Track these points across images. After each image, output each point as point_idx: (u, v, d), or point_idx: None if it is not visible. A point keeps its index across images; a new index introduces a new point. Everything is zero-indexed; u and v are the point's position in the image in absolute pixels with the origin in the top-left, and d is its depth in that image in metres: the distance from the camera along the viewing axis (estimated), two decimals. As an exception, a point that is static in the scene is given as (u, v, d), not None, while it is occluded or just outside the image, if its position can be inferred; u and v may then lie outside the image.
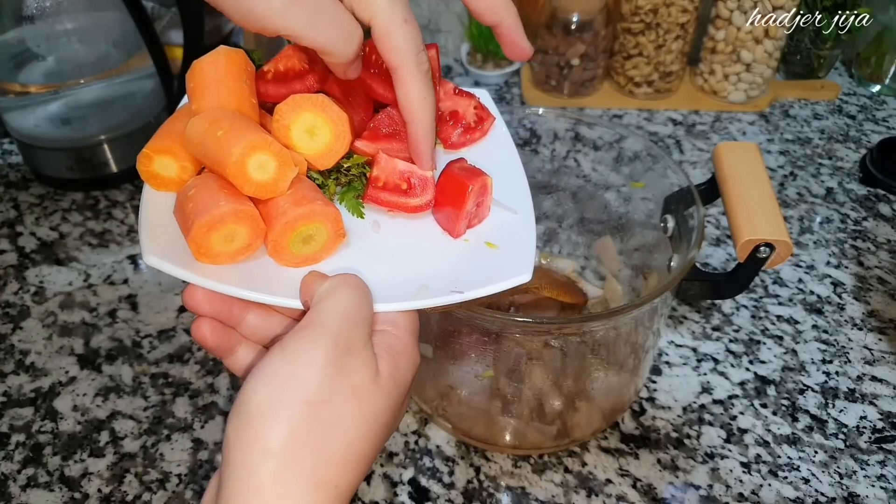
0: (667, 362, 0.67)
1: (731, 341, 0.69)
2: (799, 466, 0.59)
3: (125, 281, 0.74)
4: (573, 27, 0.94)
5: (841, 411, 0.63)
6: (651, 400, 0.64)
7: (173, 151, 0.40)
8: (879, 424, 0.62)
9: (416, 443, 0.60)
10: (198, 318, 0.39)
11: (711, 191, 0.56)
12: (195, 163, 0.40)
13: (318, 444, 0.33)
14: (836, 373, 0.66)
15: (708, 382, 0.65)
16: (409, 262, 0.41)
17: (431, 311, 0.40)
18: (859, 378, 0.66)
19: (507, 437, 0.58)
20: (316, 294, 0.36)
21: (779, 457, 0.60)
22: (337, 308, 0.35)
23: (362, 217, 0.43)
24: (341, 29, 0.37)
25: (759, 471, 0.59)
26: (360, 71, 0.41)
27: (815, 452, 0.60)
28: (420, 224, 0.43)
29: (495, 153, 0.48)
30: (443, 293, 0.38)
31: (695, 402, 0.64)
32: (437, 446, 0.60)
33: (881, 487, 0.58)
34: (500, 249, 0.42)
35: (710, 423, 0.62)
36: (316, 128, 0.40)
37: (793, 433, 0.61)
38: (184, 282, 0.38)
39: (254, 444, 0.32)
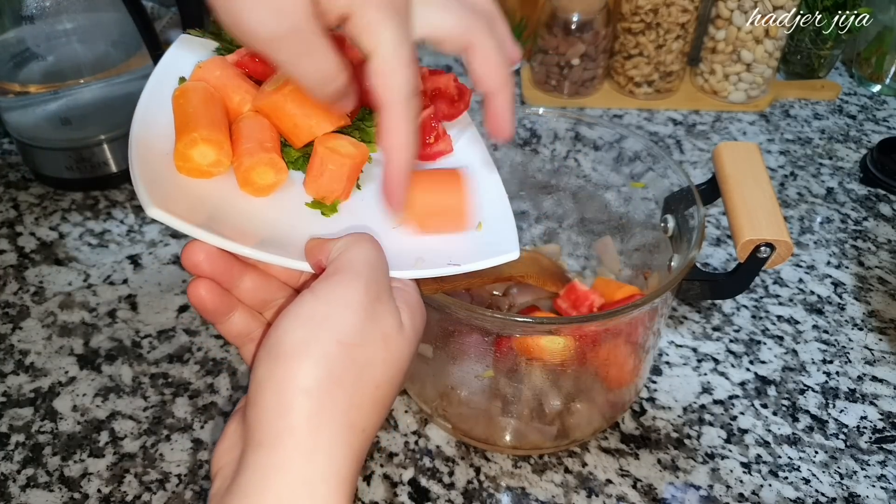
0: (667, 362, 0.67)
1: (731, 341, 0.69)
2: (799, 467, 0.59)
3: (125, 281, 0.74)
4: (573, 27, 0.94)
5: (841, 411, 0.63)
6: (651, 400, 0.64)
7: (222, 145, 0.41)
8: (880, 424, 0.62)
9: (416, 443, 0.60)
10: (195, 279, 0.38)
11: (712, 191, 0.56)
12: (230, 159, 0.42)
13: (351, 386, 0.33)
14: (837, 373, 0.66)
15: (708, 382, 0.65)
16: (403, 235, 0.43)
17: (425, 287, 0.43)
18: (860, 378, 0.66)
19: (507, 438, 0.58)
20: (334, 249, 0.37)
21: (779, 457, 0.60)
22: (362, 257, 0.36)
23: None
24: (323, 73, 0.35)
25: (759, 471, 0.59)
26: (352, 104, 0.39)
27: (816, 453, 0.60)
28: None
29: (467, 149, 0.52)
30: (440, 265, 0.41)
31: (695, 403, 0.64)
32: (437, 446, 0.60)
33: (881, 488, 0.57)
34: (484, 230, 0.45)
35: (711, 424, 0.62)
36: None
37: (793, 433, 0.61)
38: (183, 240, 0.38)
39: (288, 383, 0.32)
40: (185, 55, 0.47)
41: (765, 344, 0.69)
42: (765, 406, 0.63)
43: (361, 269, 0.35)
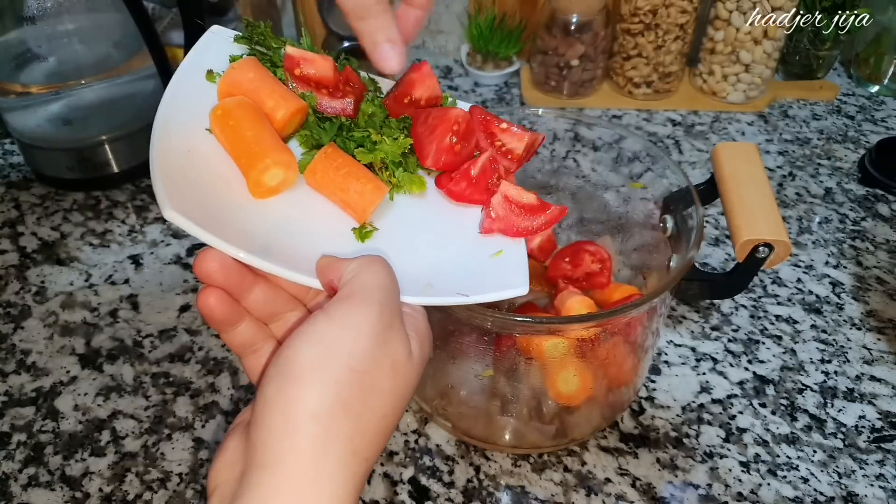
0: (666, 362, 0.67)
1: (729, 341, 0.69)
2: (798, 466, 0.59)
3: (126, 281, 0.75)
4: (572, 28, 0.95)
5: (840, 411, 0.63)
6: (650, 399, 0.64)
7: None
8: (878, 424, 0.62)
9: (416, 442, 0.61)
10: (205, 288, 0.37)
11: (710, 191, 0.57)
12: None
13: (359, 413, 0.33)
14: (835, 372, 0.67)
15: (707, 382, 0.65)
16: (414, 260, 0.43)
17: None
18: (858, 378, 0.66)
19: (507, 437, 0.59)
20: (347, 270, 0.37)
21: (778, 456, 0.60)
22: (376, 281, 0.36)
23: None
24: None
25: (758, 470, 0.59)
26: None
27: (814, 452, 0.60)
28: (423, 222, 0.46)
29: None
30: (448, 294, 0.41)
31: (694, 402, 0.64)
32: (437, 445, 0.60)
33: (880, 487, 0.58)
34: (495, 261, 0.45)
35: (709, 423, 0.62)
36: None
37: (792, 433, 0.62)
38: (196, 250, 0.38)
39: (297, 405, 0.32)
40: (215, 47, 0.46)
41: (763, 343, 0.69)
42: (763, 405, 0.64)
43: (375, 294, 0.35)
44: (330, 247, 0.41)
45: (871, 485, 0.58)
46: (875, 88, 1.05)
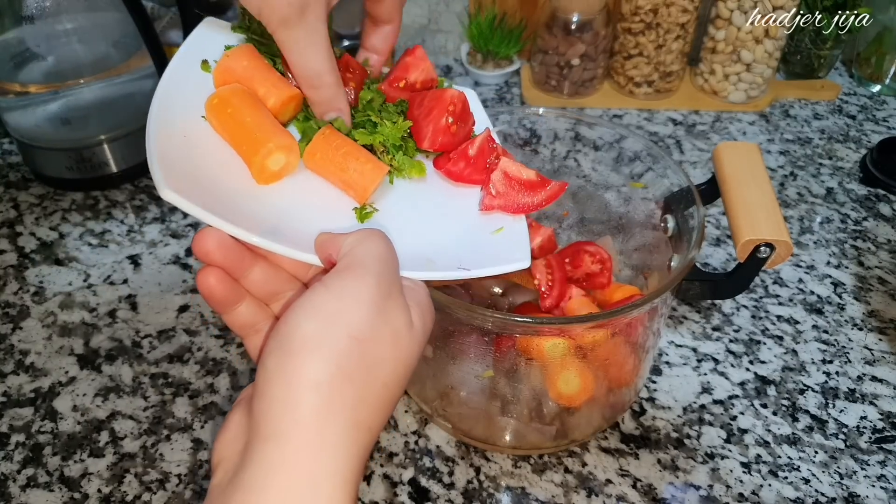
0: (667, 362, 0.67)
1: (731, 341, 0.69)
2: (799, 466, 0.59)
3: (125, 281, 0.74)
4: (573, 27, 0.94)
5: (841, 411, 0.63)
6: (651, 400, 0.64)
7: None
8: (880, 424, 0.62)
9: (416, 443, 0.60)
10: (204, 267, 0.38)
11: (711, 191, 0.56)
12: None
13: (360, 382, 0.33)
14: (837, 373, 0.66)
15: (708, 382, 0.65)
16: (414, 235, 0.43)
17: (433, 283, 0.42)
18: (859, 378, 0.66)
19: (507, 438, 0.58)
20: (345, 244, 0.37)
21: (779, 457, 0.60)
22: (374, 253, 0.36)
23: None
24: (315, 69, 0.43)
25: (759, 471, 0.59)
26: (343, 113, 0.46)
27: (816, 452, 0.60)
28: (423, 201, 0.46)
29: None
30: (450, 268, 0.41)
31: (695, 403, 0.64)
32: (437, 446, 0.60)
33: (881, 487, 0.58)
34: (496, 238, 0.45)
35: (711, 424, 0.62)
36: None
37: (793, 433, 0.61)
38: (185, 240, 0.38)
39: (298, 376, 0.32)
40: (209, 38, 0.47)
41: (764, 344, 0.69)
42: (764, 406, 0.63)
43: (373, 265, 0.35)
44: (330, 227, 0.41)
45: (873, 485, 0.58)
46: (876, 88, 1.05)
